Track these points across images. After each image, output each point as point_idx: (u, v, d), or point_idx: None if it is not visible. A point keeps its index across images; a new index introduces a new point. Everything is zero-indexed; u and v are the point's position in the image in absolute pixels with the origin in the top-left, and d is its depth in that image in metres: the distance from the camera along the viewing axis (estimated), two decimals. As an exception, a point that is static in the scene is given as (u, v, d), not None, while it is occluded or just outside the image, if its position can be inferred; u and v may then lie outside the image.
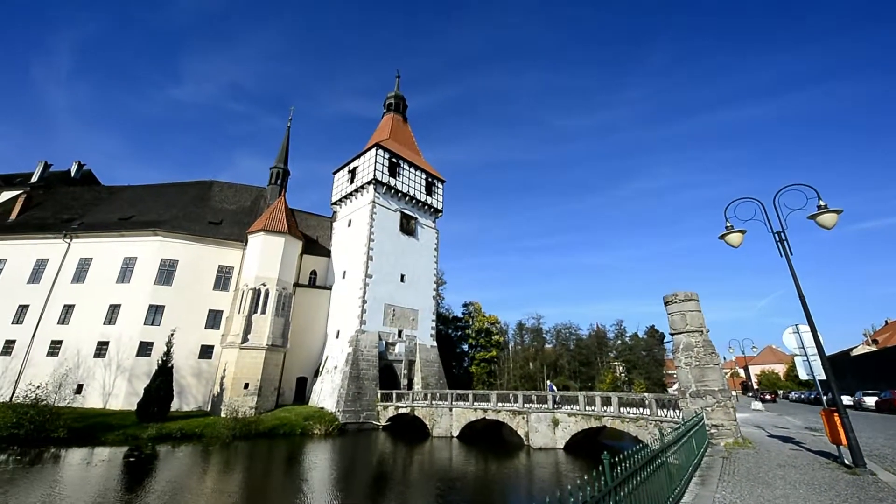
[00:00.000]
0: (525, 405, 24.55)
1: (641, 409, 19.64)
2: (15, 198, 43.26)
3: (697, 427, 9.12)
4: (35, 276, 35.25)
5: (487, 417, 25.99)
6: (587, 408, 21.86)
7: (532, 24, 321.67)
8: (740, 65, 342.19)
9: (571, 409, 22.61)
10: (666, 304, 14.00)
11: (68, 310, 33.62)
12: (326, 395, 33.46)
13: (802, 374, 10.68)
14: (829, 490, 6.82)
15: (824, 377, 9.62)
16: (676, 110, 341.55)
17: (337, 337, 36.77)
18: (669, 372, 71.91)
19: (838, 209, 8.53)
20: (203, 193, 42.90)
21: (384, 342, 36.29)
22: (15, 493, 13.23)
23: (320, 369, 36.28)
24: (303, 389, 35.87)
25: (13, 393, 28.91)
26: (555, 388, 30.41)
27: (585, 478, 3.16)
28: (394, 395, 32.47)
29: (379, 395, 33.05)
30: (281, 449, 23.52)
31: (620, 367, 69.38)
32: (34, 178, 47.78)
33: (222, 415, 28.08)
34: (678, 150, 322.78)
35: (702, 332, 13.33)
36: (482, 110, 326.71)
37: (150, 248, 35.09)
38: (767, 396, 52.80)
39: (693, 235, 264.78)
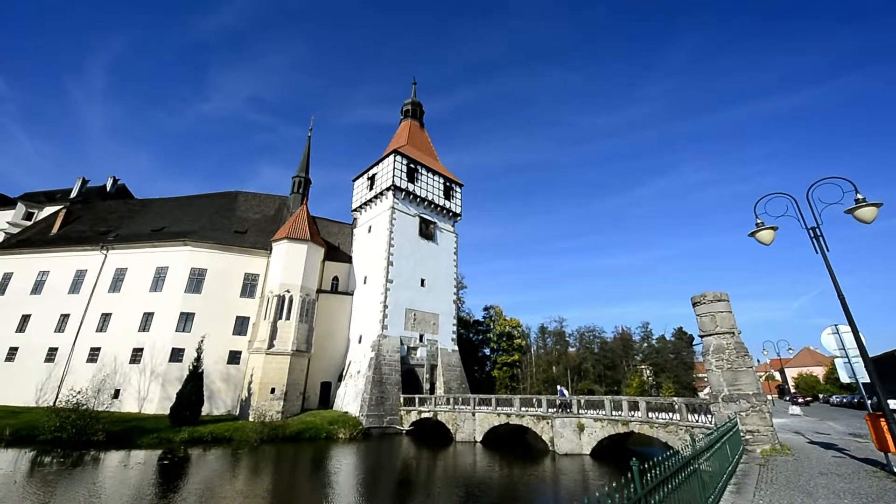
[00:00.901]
0: (549, 410, 24.17)
1: (671, 414, 19.04)
2: (56, 212, 45.75)
3: (731, 433, 8.77)
4: (75, 287, 37.08)
5: (511, 422, 25.70)
6: (614, 413, 21.34)
7: (550, 25, 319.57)
8: (768, 56, 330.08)
9: (597, 414, 22.12)
10: (694, 305, 13.55)
11: (106, 318, 35.20)
12: (350, 399, 33.82)
13: (844, 377, 10.15)
14: (877, 501, 6.43)
15: (868, 380, 9.09)
16: (701, 105, 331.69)
17: (359, 342, 37.17)
18: (700, 375, 69.54)
19: (878, 202, 8.08)
20: (229, 204, 44.29)
21: (406, 347, 36.46)
22: (59, 493, 13.89)
23: (344, 374, 36.73)
24: (327, 394, 36.37)
25: (56, 398, 30.39)
26: (566, 392, 29.77)
27: (614, 485, 3.07)
28: (416, 400, 32.53)
29: (402, 400, 33.17)
30: (307, 453, 23.88)
31: (647, 371, 67.43)
32: (73, 194, 50.50)
33: (250, 419, 28.74)
34: (703, 146, 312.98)
35: (733, 333, 12.84)
36: (500, 112, 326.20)
37: (180, 258, 36.42)
38: (800, 400, 50.25)
39: (721, 234, 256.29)
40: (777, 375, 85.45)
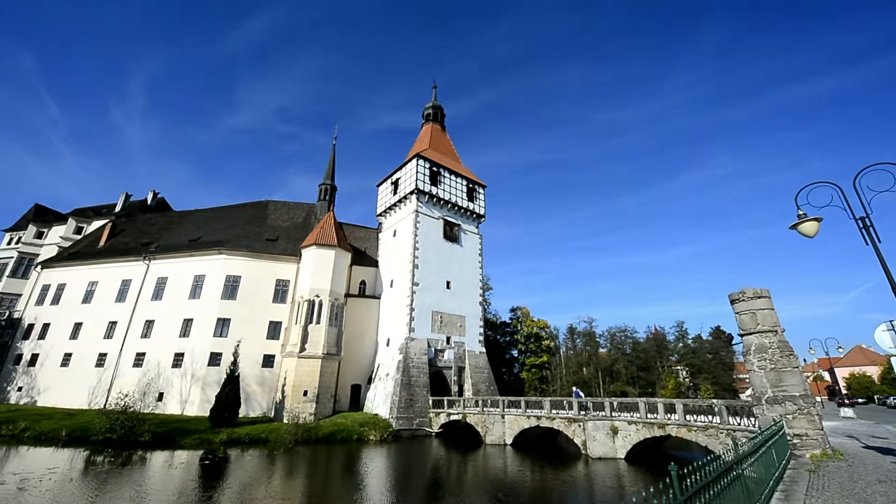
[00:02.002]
0: (581, 412, 23.66)
1: (710, 417, 18.28)
2: (103, 226, 48.69)
3: (777, 436, 8.32)
4: (121, 295, 39.30)
5: (541, 425, 25.32)
6: (649, 415, 20.68)
7: (570, 20, 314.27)
8: (802, 39, 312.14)
9: (631, 416, 21.49)
10: (732, 302, 12.97)
11: (149, 325, 37.10)
12: (380, 401, 34.23)
13: (903, 378, 9.42)
14: (946, 511, 5.93)
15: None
16: (729, 94, 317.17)
17: (387, 345, 37.60)
18: (741, 376, 66.37)
19: (936, 189, 7.48)
20: (260, 212, 45.85)
21: (433, 349, 36.60)
22: (111, 490, 14.72)
23: (373, 376, 37.23)
24: (357, 396, 36.96)
25: (106, 401, 32.25)
26: (581, 393, 29.05)
27: (651, 490, 2.97)
28: (445, 402, 32.58)
29: (430, 402, 33.30)
30: (339, 454, 24.32)
31: (683, 372, 64.96)
32: (118, 208, 53.55)
33: (284, 421, 29.54)
34: (737, 136, 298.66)
35: (776, 331, 12.20)
36: (521, 112, 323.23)
37: (216, 266, 37.96)
38: (846, 401, 47.02)
39: (758, 227, 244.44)
40: (826, 376, 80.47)
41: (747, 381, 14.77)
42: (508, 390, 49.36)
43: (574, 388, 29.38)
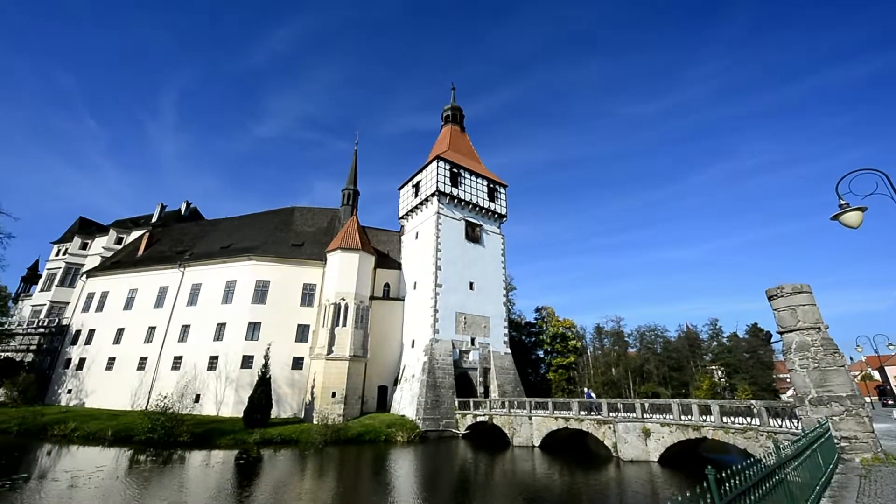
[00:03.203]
0: (610, 414, 23.12)
1: (749, 419, 17.49)
2: (141, 236, 51.19)
3: (823, 439, 7.89)
4: (159, 302, 41.19)
5: (570, 427, 24.88)
6: (682, 417, 19.99)
7: (588, 14, 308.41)
8: (835, 21, 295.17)
9: (664, 418, 20.83)
10: (770, 298, 12.40)
11: (185, 329, 38.71)
12: (406, 403, 34.48)
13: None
14: None
15: None
16: (761, 79, 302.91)
17: (412, 346, 37.85)
18: (781, 376, 63.30)
19: None
20: (286, 219, 47.12)
21: (458, 350, 36.59)
22: (154, 488, 15.43)
23: (399, 378, 37.55)
24: (384, 397, 37.36)
25: (147, 402, 33.82)
26: (592, 394, 28.24)
27: (688, 494, 2.87)
28: (471, 403, 32.49)
29: (456, 403, 33.28)
30: (368, 455, 24.64)
31: (719, 372, 62.49)
32: (154, 219, 56.19)
33: (314, 421, 30.18)
34: (770, 123, 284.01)
35: (819, 328, 11.58)
36: (541, 109, 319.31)
37: (246, 272, 39.24)
38: (890, 401, 43.92)
39: (796, 219, 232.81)
40: (876, 375, 75.63)
41: (788, 380, 14.05)
42: (535, 391, 48.77)
43: (585, 390, 28.75)
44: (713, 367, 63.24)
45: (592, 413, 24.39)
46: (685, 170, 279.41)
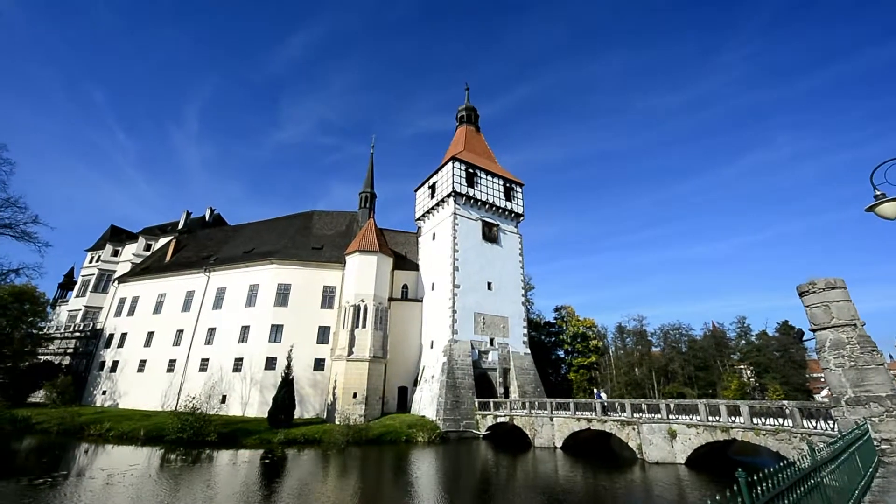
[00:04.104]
0: (634, 415, 22.67)
1: (781, 420, 16.86)
2: (168, 243, 53.01)
3: (861, 441, 7.53)
4: (186, 305, 42.54)
5: (592, 428, 24.50)
6: (710, 418, 19.43)
7: (605, 4, 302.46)
8: None
9: (691, 419, 20.29)
10: (801, 294, 11.91)
11: (211, 332, 39.86)
12: (426, 403, 34.60)
13: None
14: None
15: None
16: (793, 64, 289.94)
17: (431, 347, 37.96)
18: (815, 375, 60.71)
19: None
20: (306, 223, 48.00)
21: (476, 350, 36.51)
22: (184, 486, 15.93)
23: (418, 378, 37.72)
24: (404, 398, 37.59)
25: (177, 403, 34.96)
26: (603, 395, 27.50)
27: (717, 498, 2.79)
28: (491, 404, 32.36)
29: (476, 404, 33.21)
30: (390, 455, 24.84)
31: (748, 371, 60.44)
32: (180, 225, 58.13)
33: (336, 422, 30.62)
34: (802, 111, 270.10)
35: (854, 325, 11.05)
36: (558, 106, 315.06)
37: (268, 275, 40.15)
38: None
39: (828, 211, 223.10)
40: (920, 374, 71.74)
41: (822, 380, 13.52)
42: (555, 392, 48.19)
43: (595, 391, 28.21)
44: (742, 367, 61.20)
45: (611, 413, 23.98)
46: (710, 163, 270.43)
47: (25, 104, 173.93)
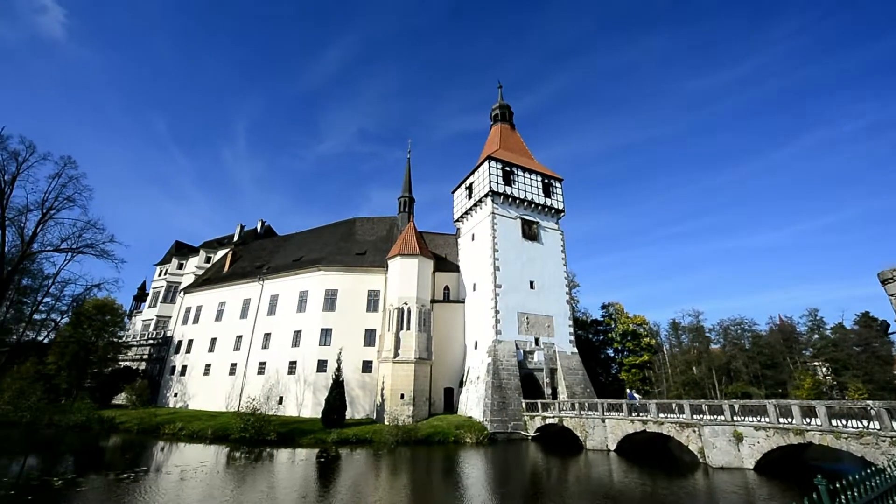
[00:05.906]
0: (694, 416, 21.42)
1: (865, 422, 15.30)
2: (225, 255, 56.83)
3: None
4: (244, 313, 45.38)
5: (648, 430, 23.40)
6: (781, 420, 17.98)
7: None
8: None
9: (759, 421, 18.88)
10: (884, 282, 10.81)
11: (267, 337, 42.24)
12: (473, 404, 34.58)
13: None
14: None
15: None
16: (851, 32, 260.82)
17: (475, 348, 37.91)
18: (905, 372, 54.34)
19: None
20: (349, 230, 49.69)
21: (521, 351, 36.01)
22: (249, 482, 16.97)
23: (464, 379, 37.78)
24: (450, 399, 37.81)
25: (238, 404, 37.32)
26: (636, 395, 25.72)
27: (793, 505, 2.59)
28: (539, 405, 31.78)
29: (524, 405, 32.75)
30: (439, 456, 25.05)
31: (823, 369, 55.26)
32: (235, 238, 62.14)
33: (385, 423, 31.35)
34: (860, 85, 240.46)
35: (953, 316, 9.82)
36: (595, 96, 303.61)
37: (316, 282, 41.95)
38: None
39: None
40: None
41: (916, 378, 11.99)
42: (606, 392, 46.52)
43: (628, 391, 26.63)
44: (816, 364, 56.08)
45: (671, 416, 22.77)
46: (761, 144, 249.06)
47: (103, 138, 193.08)
